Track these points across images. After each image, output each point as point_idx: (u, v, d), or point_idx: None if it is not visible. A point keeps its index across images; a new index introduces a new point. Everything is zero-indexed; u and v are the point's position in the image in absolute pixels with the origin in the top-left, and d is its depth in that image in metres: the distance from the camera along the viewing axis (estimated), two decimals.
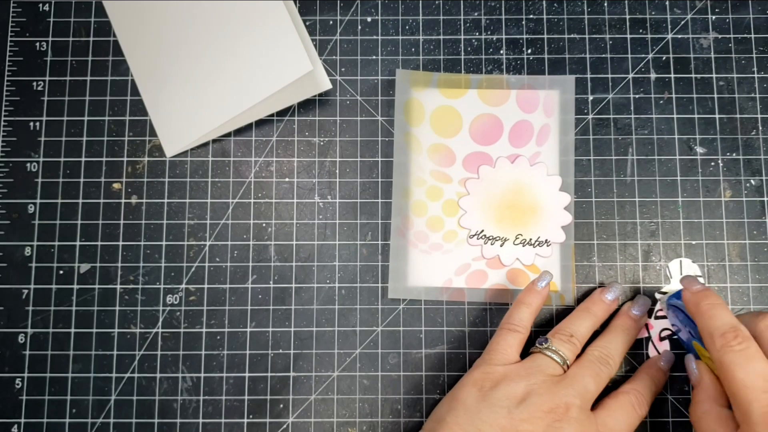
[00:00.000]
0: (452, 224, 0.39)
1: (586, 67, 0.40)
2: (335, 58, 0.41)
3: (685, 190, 0.39)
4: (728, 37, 0.40)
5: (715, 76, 0.40)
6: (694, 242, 0.39)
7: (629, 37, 0.41)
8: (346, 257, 0.39)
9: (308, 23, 0.41)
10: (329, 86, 0.39)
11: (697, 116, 0.40)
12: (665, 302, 0.37)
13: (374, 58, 0.41)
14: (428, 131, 0.40)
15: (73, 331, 0.38)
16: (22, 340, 0.38)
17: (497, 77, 0.40)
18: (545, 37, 0.41)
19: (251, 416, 0.37)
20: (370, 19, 0.41)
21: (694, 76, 0.40)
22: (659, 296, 0.38)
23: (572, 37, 0.41)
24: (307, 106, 0.40)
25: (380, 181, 0.40)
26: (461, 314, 0.38)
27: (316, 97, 0.40)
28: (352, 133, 0.40)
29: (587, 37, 0.41)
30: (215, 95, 0.39)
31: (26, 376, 0.38)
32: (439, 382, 0.38)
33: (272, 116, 0.40)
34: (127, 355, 0.38)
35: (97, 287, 0.39)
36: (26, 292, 0.39)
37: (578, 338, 0.34)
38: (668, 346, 0.38)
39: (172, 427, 0.37)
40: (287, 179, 0.40)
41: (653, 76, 0.40)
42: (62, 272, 0.39)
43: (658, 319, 0.38)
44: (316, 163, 0.40)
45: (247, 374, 0.38)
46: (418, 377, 0.38)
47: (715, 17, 0.41)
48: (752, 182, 0.39)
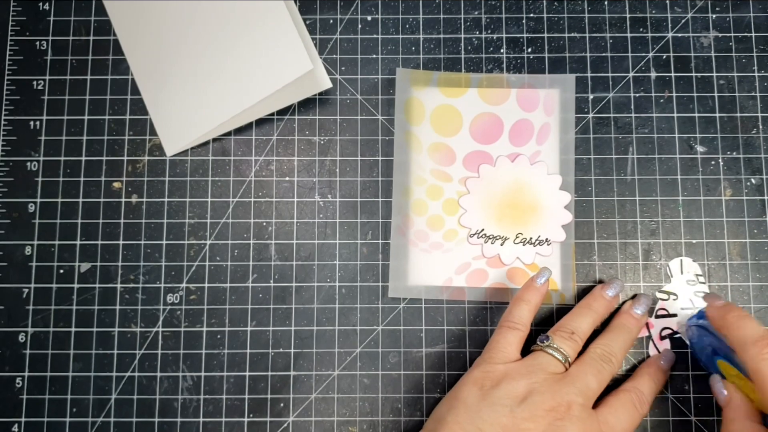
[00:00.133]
0: (452, 223, 0.39)
1: (586, 65, 0.40)
2: (335, 57, 0.41)
3: (685, 189, 0.39)
4: (729, 35, 0.40)
5: (715, 74, 0.40)
6: (694, 241, 0.39)
7: (629, 35, 0.41)
8: (346, 256, 0.39)
9: (308, 22, 0.41)
10: (329, 85, 0.39)
11: (697, 115, 0.40)
12: (685, 324, 0.37)
13: (374, 57, 0.41)
14: (428, 130, 0.40)
15: (73, 330, 0.38)
16: (22, 339, 0.38)
17: (497, 76, 0.40)
18: (545, 35, 0.41)
19: (252, 415, 0.37)
20: (370, 18, 0.41)
21: (694, 74, 0.40)
22: (660, 294, 0.38)
23: (572, 35, 0.41)
24: (307, 105, 0.40)
25: (380, 180, 0.40)
26: (461, 313, 0.38)
27: (316, 96, 0.40)
28: (352, 132, 0.40)
29: (587, 35, 0.41)
30: (215, 94, 0.39)
31: (27, 375, 0.38)
32: (439, 381, 0.38)
33: (272, 115, 0.40)
34: (127, 354, 0.38)
35: (97, 286, 0.39)
36: (26, 291, 0.39)
37: (579, 335, 0.34)
38: (669, 345, 0.38)
39: (172, 426, 0.37)
40: (287, 178, 0.40)
41: (654, 74, 0.40)
42: (62, 271, 0.39)
43: (658, 318, 0.38)
44: (316, 162, 0.40)
45: (247, 373, 0.38)
46: (418, 376, 0.38)
47: (715, 16, 0.41)
48: (753, 181, 0.39)
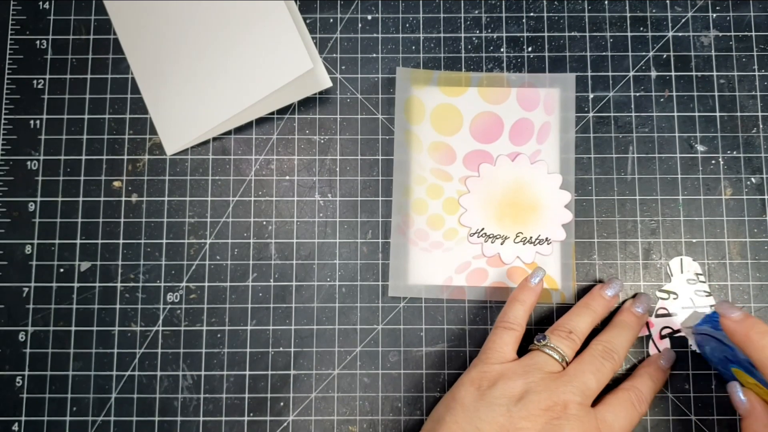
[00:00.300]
0: (453, 222, 0.39)
1: (586, 65, 0.40)
2: (335, 56, 0.41)
3: (685, 188, 0.39)
4: (729, 35, 0.40)
5: (715, 74, 0.40)
6: (694, 240, 0.39)
7: (630, 35, 0.41)
8: (346, 255, 0.39)
9: (308, 21, 0.41)
10: (329, 84, 0.39)
11: (697, 114, 0.40)
12: (691, 330, 0.36)
13: (374, 56, 0.41)
14: (429, 129, 0.40)
15: (73, 329, 0.38)
16: (22, 338, 0.38)
17: (498, 75, 0.40)
18: (546, 35, 0.41)
19: (252, 414, 0.38)
20: (370, 17, 0.41)
21: (694, 74, 0.40)
22: (660, 294, 0.38)
23: (573, 35, 0.41)
24: (307, 104, 0.40)
25: (380, 179, 0.40)
26: (461, 312, 0.38)
27: (316, 95, 0.40)
28: (352, 131, 0.40)
29: (588, 35, 0.41)
30: (216, 93, 0.39)
31: (27, 374, 0.38)
32: (439, 380, 0.38)
33: (273, 114, 0.40)
34: (127, 353, 0.38)
35: (97, 285, 0.39)
36: (27, 290, 0.39)
37: (577, 334, 0.34)
38: (668, 344, 0.38)
39: (172, 425, 0.37)
40: (288, 177, 0.40)
41: (654, 74, 0.40)
42: (63, 270, 0.39)
43: (659, 317, 0.38)
44: (316, 161, 0.40)
45: (247, 372, 0.38)
46: (418, 375, 0.38)
47: (715, 15, 0.41)
48: (753, 180, 0.39)
